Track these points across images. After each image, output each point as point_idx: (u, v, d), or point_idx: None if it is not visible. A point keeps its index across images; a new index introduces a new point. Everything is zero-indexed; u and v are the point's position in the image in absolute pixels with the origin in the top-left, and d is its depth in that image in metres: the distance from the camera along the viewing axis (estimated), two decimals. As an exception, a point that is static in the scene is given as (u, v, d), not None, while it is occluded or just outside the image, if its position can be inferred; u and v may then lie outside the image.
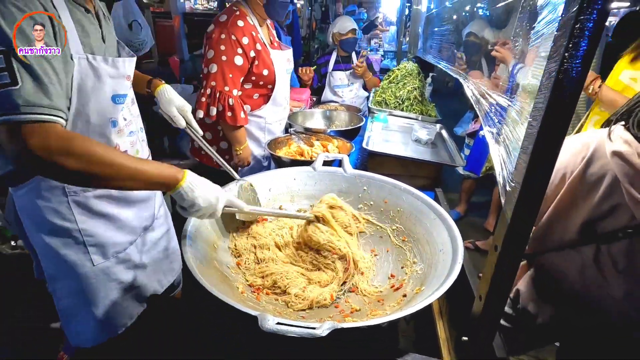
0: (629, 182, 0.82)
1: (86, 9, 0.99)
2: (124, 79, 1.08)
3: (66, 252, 1.12)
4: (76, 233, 1.11)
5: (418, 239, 1.19)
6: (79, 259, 1.14)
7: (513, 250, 0.54)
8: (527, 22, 0.63)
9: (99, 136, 1.05)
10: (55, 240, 1.10)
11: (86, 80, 0.96)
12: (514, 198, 0.50)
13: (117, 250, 1.22)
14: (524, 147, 0.49)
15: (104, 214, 1.15)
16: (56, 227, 1.08)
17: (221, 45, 1.71)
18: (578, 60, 0.43)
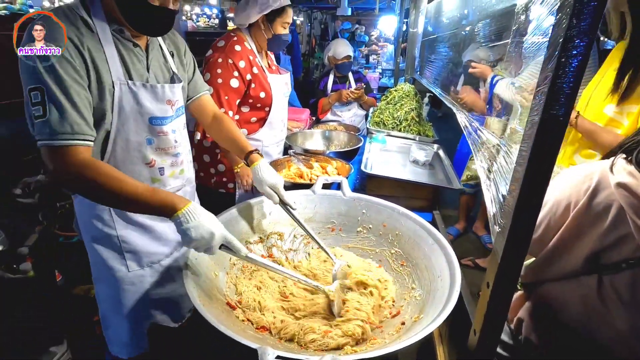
0: (635, 213, 0.82)
1: (134, 43, 1.17)
2: (164, 103, 1.22)
3: (107, 256, 1.26)
4: (115, 239, 1.25)
5: (417, 263, 1.21)
6: (116, 264, 1.27)
7: (504, 287, 0.56)
8: (513, 66, 0.66)
9: (137, 152, 1.20)
10: (98, 245, 1.25)
11: (125, 103, 1.12)
12: (503, 239, 0.52)
13: (152, 261, 1.34)
14: (510, 191, 0.51)
15: (140, 223, 1.28)
16: (100, 232, 1.23)
17: (218, 69, 1.77)
18: (559, 111, 0.46)
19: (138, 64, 1.17)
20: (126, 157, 1.19)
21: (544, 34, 0.48)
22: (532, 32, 0.54)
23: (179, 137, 1.30)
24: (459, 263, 1.04)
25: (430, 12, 2.68)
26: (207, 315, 0.85)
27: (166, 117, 1.23)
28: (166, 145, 1.26)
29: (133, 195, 0.99)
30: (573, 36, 0.40)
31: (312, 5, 7.62)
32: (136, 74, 1.15)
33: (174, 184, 1.35)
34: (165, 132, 1.24)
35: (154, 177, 1.27)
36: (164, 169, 1.29)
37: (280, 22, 1.86)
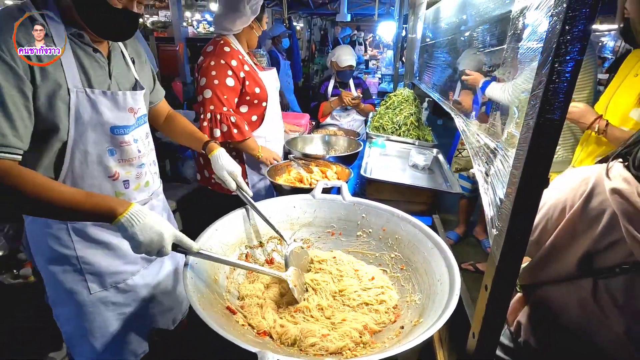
0: (628, 220, 0.82)
1: (94, 48, 1.09)
2: (126, 112, 1.15)
3: (64, 278, 1.16)
4: (74, 260, 1.15)
5: (416, 267, 1.21)
6: (76, 286, 1.18)
7: (502, 290, 0.56)
8: (510, 71, 0.67)
9: (97, 164, 1.12)
10: (54, 266, 1.16)
11: (83, 112, 1.04)
12: (500, 242, 0.53)
13: (116, 280, 1.24)
14: (507, 194, 0.52)
15: (103, 242, 1.19)
16: (56, 253, 1.14)
17: (212, 71, 1.83)
18: (554, 115, 0.47)
19: (99, 70, 1.10)
20: (85, 171, 1.11)
21: (539, 40, 0.49)
22: (527, 37, 0.55)
23: (141, 147, 1.23)
24: (459, 267, 1.04)
25: (428, 18, 2.71)
26: (207, 319, 0.85)
27: (128, 126, 1.16)
28: (129, 156, 1.19)
29: (63, 202, 0.91)
30: (566, 42, 0.41)
31: (312, 11, 7.69)
32: (96, 81, 1.09)
33: (139, 197, 1.28)
34: (128, 142, 1.17)
35: (118, 191, 1.20)
36: (128, 182, 1.21)
37: (265, 18, 2.01)
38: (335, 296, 1.18)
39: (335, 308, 1.14)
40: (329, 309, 1.12)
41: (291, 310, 1.11)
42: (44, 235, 1.13)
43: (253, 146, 1.97)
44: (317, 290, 1.17)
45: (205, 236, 1.18)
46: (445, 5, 2.24)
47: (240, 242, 1.30)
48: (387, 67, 8.01)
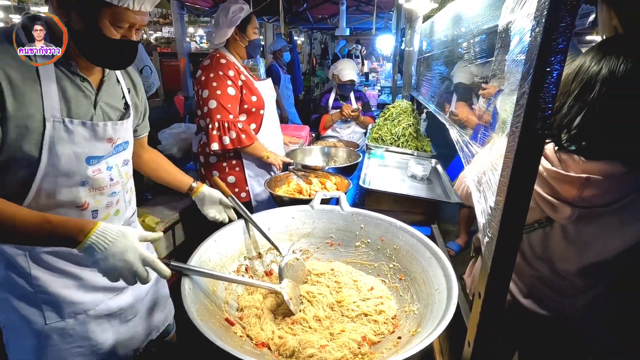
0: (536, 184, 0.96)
1: (82, 77, 1.07)
2: (104, 142, 1.11)
3: (18, 305, 1.09)
4: (30, 288, 1.08)
5: (415, 277, 1.21)
6: (31, 315, 1.10)
7: (496, 297, 0.56)
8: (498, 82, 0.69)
9: (67, 195, 1.07)
10: (7, 293, 1.09)
11: (58, 141, 1.00)
12: (491, 248, 0.54)
13: (76, 311, 1.16)
14: (497, 202, 0.53)
15: (63, 271, 1.12)
16: (10, 279, 1.07)
17: (212, 82, 1.89)
18: (537, 124, 0.48)
19: (83, 100, 1.06)
20: (51, 202, 1.05)
21: (522, 52, 0.51)
22: (512, 50, 0.57)
23: (115, 175, 1.17)
24: (461, 278, 1.04)
25: (425, 31, 2.76)
26: (205, 331, 0.85)
27: (102, 155, 1.12)
28: (100, 185, 1.13)
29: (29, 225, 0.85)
30: (546, 53, 0.43)
31: (312, 26, 7.84)
32: (77, 111, 1.04)
33: None
34: (100, 170, 1.12)
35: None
36: (97, 212, 1.15)
37: (251, 29, 2.03)
38: (334, 307, 1.18)
39: (333, 319, 1.14)
40: (326, 320, 1.12)
41: (289, 321, 1.11)
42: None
43: (261, 148, 2.03)
44: (312, 302, 1.17)
45: (204, 247, 1.19)
46: (440, 20, 2.29)
47: (239, 253, 1.31)
48: (386, 79, 8.11)
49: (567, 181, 0.93)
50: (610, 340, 1.15)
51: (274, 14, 5.27)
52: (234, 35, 2.00)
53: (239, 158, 2.07)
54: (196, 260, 1.12)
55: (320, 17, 6.92)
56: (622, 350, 1.15)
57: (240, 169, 2.09)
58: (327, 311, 1.16)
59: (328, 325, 1.10)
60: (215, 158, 2.05)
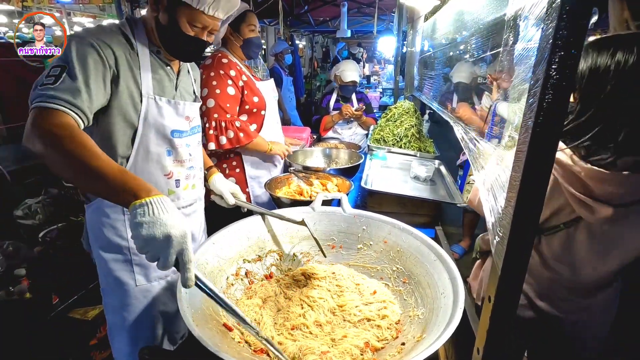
0: (568, 183, 0.97)
1: (167, 64, 1.30)
2: (183, 119, 1.32)
3: (114, 266, 1.27)
4: (125, 250, 1.26)
5: (419, 281, 1.17)
6: (124, 276, 1.28)
7: (507, 301, 0.53)
8: (505, 74, 0.66)
9: (156, 162, 1.27)
10: (107, 254, 1.26)
11: (149, 114, 1.22)
12: (502, 249, 0.50)
13: (160, 275, 1.34)
14: (508, 199, 0.49)
15: None
16: (110, 242, 1.25)
17: (212, 81, 1.86)
18: (552, 114, 0.45)
19: (168, 82, 1.29)
20: (145, 167, 1.26)
21: (534, 39, 0.48)
22: (522, 38, 0.54)
23: (192, 152, 1.38)
24: (465, 282, 1.01)
25: (426, 31, 2.73)
26: (200, 336, 0.82)
27: (184, 131, 1.32)
28: (182, 158, 1.34)
29: (99, 169, 0.87)
30: (563, 37, 0.39)
31: (314, 29, 7.84)
32: (164, 90, 1.27)
33: (187, 197, 1.40)
34: (181, 145, 1.32)
35: (170, 189, 1.34)
36: (179, 181, 1.35)
37: (246, 27, 1.97)
38: (335, 311, 1.14)
39: (335, 324, 1.10)
40: (327, 325, 1.08)
41: (288, 327, 1.07)
42: (102, 223, 1.24)
43: (262, 143, 2.01)
44: (313, 307, 1.13)
45: (202, 250, 1.16)
46: (441, 18, 2.26)
47: (238, 256, 1.27)
48: (388, 81, 8.09)
49: (607, 180, 0.91)
50: (611, 340, 1.16)
51: (275, 16, 5.26)
52: (228, 35, 1.97)
53: (239, 159, 2.03)
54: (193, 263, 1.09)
55: (322, 19, 6.92)
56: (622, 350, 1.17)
57: (241, 170, 2.05)
58: (329, 316, 1.12)
59: (329, 331, 1.07)
60: (215, 159, 2.01)
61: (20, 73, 3.09)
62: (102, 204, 1.24)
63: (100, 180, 0.86)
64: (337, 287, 1.23)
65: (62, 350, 1.80)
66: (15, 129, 3.21)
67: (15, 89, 3.14)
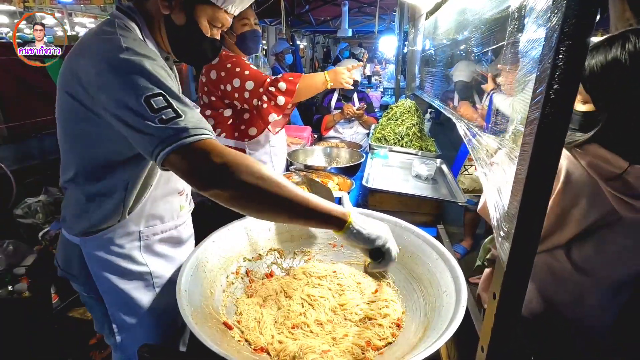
0: (607, 184, 0.95)
1: (171, 68, 1.14)
2: None
3: (137, 294, 1.16)
4: (147, 276, 1.17)
5: (421, 279, 1.16)
6: (149, 301, 1.18)
7: (513, 298, 0.52)
8: (509, 67, 0.65)
9: (175, 182, 1.16)
10: (128, 284, 1.14)
11: None
12: (507, 245, 0.49)
13: None
14: (514, 193, 0.48)
15: (164, 255, 1.21)
16: (128, 271, 1.13)
17: (235, 69, 1.78)
18: (560, 103, 0.43)
19: (176, 87, 1.11)
20: (165, 190, 1.15)
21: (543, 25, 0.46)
22: (527, 29, 0.53)
23: None
24: (468, 282, 1.00)
25: (427, 29, 2.72)
26: (199, 333, 0.81)
27: None
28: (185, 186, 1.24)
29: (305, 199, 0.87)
30: (572, 23, 0.38)
31: (314, 29, 7.84)
32: None
33: (188, 211, 1.32)
34: None
35: (182, 205, 1.24)
36: (188, 195, 1.27)
37: (238, 22, 1.86)
38: (337, 310, 1.13)
39: (336, 323, 1.08)
40: (328, 324, 1.07)
41: (289, 325, 1.06)
42: (110, 255, 1.10)
43: (315, 75, 1.87)
44: (314, 305, 1.12)
45: (202, 248, 1.15)
46: (442, 15, 2.24)
47: (238, 254, 1.26)
48: (389, 80, 8.07)
49: None
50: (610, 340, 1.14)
51: (276, 16, 5.26)
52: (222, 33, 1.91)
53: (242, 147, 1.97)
54: (194, 262, 1.08)
55: (322, 19, 6.92)
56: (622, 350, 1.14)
57: None
58: (330, 315, 1.11)
59: (330, 330, 1.05)
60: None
61: (21, 73, 3.10)
62: (113, 234, 1.09)
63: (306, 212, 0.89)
64: (338, 286, 1.22)
65: (62, 349, 1.79)
66: (15, 129, 3.20)
67: (16, 88, 3.14)
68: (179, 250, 1.27)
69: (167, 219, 1.19)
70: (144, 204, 1.10)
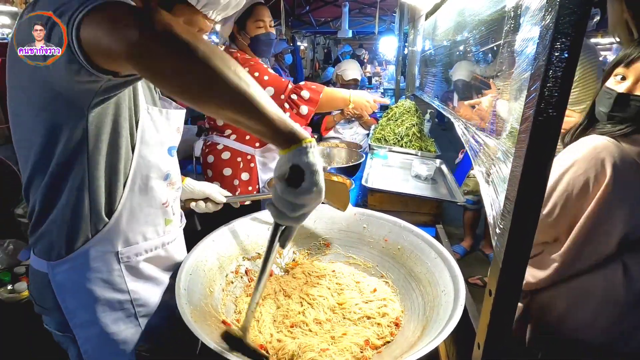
0: None
1: None
2: (175, 131, 1.06)
3: (115, 328, 0.98)
4: (127, 304, 1.00)
5: (420, 279, 1.16)
6: (129, 336, 1.01)
7: (508, 295, 0.52)
8: (506, 66, 0.65)
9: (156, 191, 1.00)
10: (105, 316, 0.97)
11: (146, 131, 0.95)
12: (503, 240, 0.49)
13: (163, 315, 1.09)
14: (509, 189, 0.48)
15: (152, 277, 1.06)
16: (106, 300, 0.96)
17: (254, 73, 1.71)
18: (552, 107, 0.44)
19: (149, 88, 1.01)
20: (144, 200, 0.98)
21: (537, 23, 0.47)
22: (522, 28, 0.53)
23: (178, 170, 1.13)
24: (466, 282, 1.00)
25: (427, 29, 2.73)
26: (198, 332, 0.81)
27: (175, 146, 1.07)
28: (173, 179, 1.07)
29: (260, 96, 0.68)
30: (564, 22, 0.39)
31: (315, 30, 7.85)
32: (151, 99, 1.00)
33: (176, 222, 1.14)
34: (175, 163, 1.08)
35: (167, 219, 1.07)
36: (173, 208, 1.09)
37: (252, 23, 1.79)
38: (335, 309, 1.13)
39: (335, 322, 1.09)
40: (327, 323, 1.07)
41: (288, 324, 1.06)
42: (85, 282, 0.93)
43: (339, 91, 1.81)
44: (312, 304, 1.13)
45: (201, 247, 1.15)
46: (441, 15, 2.25)
47: (237, 253, 1.27)
48: (389, 81, 8.08)
49: None
50: None
51: (276, 16, 5.27)
52: (235, 33, 1.84)
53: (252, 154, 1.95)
54: (192, 261, 1.09)
55: (323, 20, 6.93)
56: None
57: (255, 165, 1.95)
58: (328, 314, 1.11)
59: (329, 329, 1.06)
60: (229, 154, 1.89)
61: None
62: (86, 257, 0.92)
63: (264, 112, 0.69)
64: (337, 285, 1.22)
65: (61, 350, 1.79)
66: (16, 129, 3.21)
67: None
68: (169, 275, 1.12)
69: (151, 236, 1.02)
70: (118, 218, 0.93)
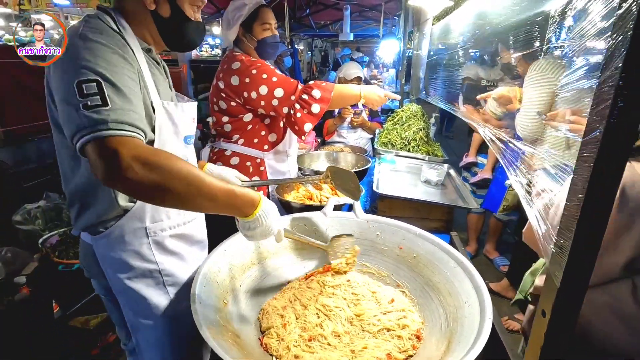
0: None
1: (157, 61, 1.13)
2: (191, 121, 1.18)
3: (148, 293, 1.13)
4: (156, 274, 1.13)
5: (439, 289, 1.13)
6: (160, 301, 1.14)
7: (566, 316, 0.48)
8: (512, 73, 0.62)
9: None
10: (138, 282, 1.12)
11: (164, 126, 1.05)
12: (562, 261, 0.46)
13: None
14: (570, 203, 0.45)
15: (176, 252, 1.17)
16: (138, 269, 1.11)
17: (262, 75, 1.68)
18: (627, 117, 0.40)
19: (164, 83, 1.13)
20: None
21: (603, 19, 0.43)
22: (574, 35, 0.50)
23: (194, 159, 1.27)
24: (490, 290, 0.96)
25: (436, 34, 2.71)
26: (215, 346, 0.77)
27: (192, 135, 1.19)
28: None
29: (214, 187, 0.88)
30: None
31: (314, 32, 7.84)
32: (164, 93, 1.10)
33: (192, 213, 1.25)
34: (192, 153, 1.22)
35: None
36: None
37: (259, 25, 1.78)
38: (353, 321, 1.09)
39: (354, 334, 1.05)
40: (346, 336, 1.03)
41: (306, 337, 1.02)
42: (120, 254, 1.09)
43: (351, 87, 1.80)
44: (330, 316, 1.08)
45: (212, 258, 1.11)
46: (455, 19, 2.23)
47: (250, 262, 1.23)
48: (389, 85, 8.08)
49: None
50: None
51: (278, 19, 5.23)
52: (240, 36, 1.81)
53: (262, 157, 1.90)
54: (205, 273, 1.04)
55: (323, 23, 6.91)
56: None
57: (265, 168, 1.91)
58: (346, 326, 1.07)
59: (348, 342, 1.02)
60: (238, 159, 1.85)
61: (17, 75, 3.05)
62: (121, 232, 1.07)
63: (211, 202, 0.89)
64: (352, 295, 1.18)
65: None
66: (13, 132, 3.15)
67: (12, 91, 3.09)
68: (192, 250, 1.23)
69: (174, 215, 1.15)
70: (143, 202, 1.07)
